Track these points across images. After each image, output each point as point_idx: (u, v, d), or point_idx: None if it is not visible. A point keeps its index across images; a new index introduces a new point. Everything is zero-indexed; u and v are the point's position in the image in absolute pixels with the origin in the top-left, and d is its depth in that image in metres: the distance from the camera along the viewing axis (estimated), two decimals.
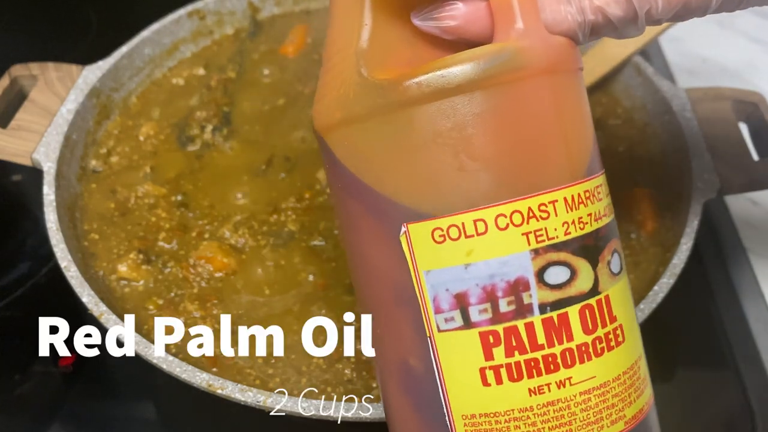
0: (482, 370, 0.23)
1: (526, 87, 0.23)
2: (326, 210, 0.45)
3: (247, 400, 0.33)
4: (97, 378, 0.43)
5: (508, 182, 0.23)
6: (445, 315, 0.23)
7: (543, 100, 0.24)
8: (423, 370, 0.24)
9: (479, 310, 0.23)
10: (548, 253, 0.23)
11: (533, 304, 0.23)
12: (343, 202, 0.26)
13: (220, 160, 0.49)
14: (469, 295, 0.23)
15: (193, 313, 0.39)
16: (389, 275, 0.25)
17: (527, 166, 0.23)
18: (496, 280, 0.23)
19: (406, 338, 0.25)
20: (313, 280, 0.41)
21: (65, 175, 0.45)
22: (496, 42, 0.23)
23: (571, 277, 0.23)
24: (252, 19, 0.59)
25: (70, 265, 0.38)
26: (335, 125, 0.25)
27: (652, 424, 0.26)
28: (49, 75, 0.49)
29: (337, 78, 0.25)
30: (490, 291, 0.23)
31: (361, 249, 0.26)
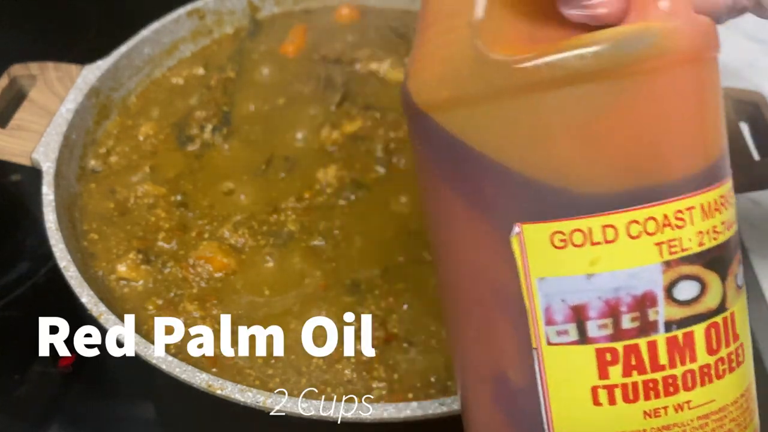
0: (594, 389, 0.21)
1: (671, 74, 0.20)
2: (326, 210, 0.45)
3: (247, 401, 0.33)
4: (97, 378, 0.43)
5: (645, 184, 0.20)
6: (558, 327, 0.21)
7: (687, 90, 0.21)
8: (523, 383, 0.22)
9: (599, 325, 0.21)
10: (680, 266, 0.21)
11: (659, 321, 0.21)
12: (438, 192, 0.24)
13: (220, 160, 0.48)
14: (588, 308, 0.21)
15: (192, 313, 0.39)
16: (491, 278, 0.22)
17: (665, 166, 0.21)
18: (621, 294, 0.21)
19: (504, 348, 0.23)
20: (313, 281, 0.41)
21: (64, 174, 0.45)
22: (636, 22, 0.21)
23: (701, 292, 0.21)
24: (252, 19, 0.59)
25: (70, 265, 0.38)
26: (445, 102, 0.22)
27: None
28: (48, 75, 0.49)
29: (442, 50, 0.23)
30: (613, 305, 0.21)
31: (457, 246, 0.23)
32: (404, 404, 0.32)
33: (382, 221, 0.44)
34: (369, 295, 0.40)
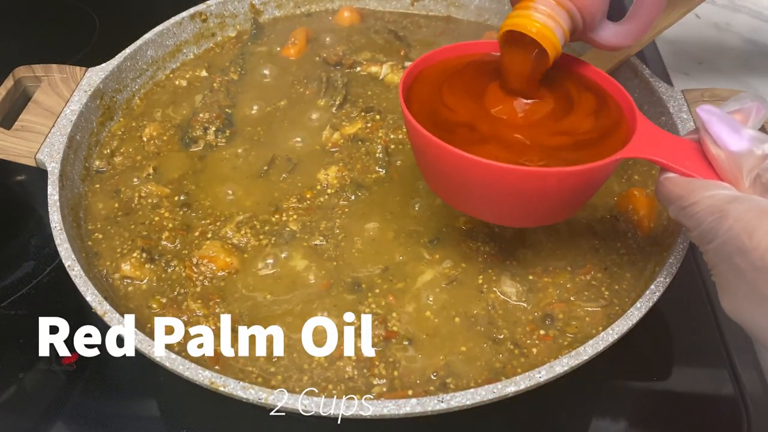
0: None
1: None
2: (327, 210, 0.45)
3: (249, 398, 0.33)
4: (101, 376, 0.43)
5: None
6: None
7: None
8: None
9: None
10: None
11: None
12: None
13: (223, 161, 0.49)
14: None
15: (195, 311, 0.40)
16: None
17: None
18: None
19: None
20: (315, 279, 0.41)
21: (69, 175, 0.45)
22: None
23: None
24: (254, 22, 0.60)
25: (74, 265, 0.39)
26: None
27: None
28: (52, 77, 0.49)
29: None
30: None
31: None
32: (404, 401, 0.33)
33: (382, 221, 0.44)
34: (369, 293, 0.41)
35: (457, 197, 0.37)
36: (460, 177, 0.34)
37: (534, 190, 0.34)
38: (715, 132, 0.30)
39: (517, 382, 0.33)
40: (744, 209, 0.28)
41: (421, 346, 0.38)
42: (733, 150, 0.30)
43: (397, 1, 0.61)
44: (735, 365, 0.42)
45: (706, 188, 0.30)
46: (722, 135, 0.30)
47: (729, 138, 0.30)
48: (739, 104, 0.32)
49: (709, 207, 0.29)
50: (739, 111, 0.32)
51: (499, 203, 0.36)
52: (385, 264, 0.42)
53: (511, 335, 0.39)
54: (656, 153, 0.33)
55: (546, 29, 0.34)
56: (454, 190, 0.37)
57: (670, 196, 0.32)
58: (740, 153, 0.29)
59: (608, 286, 0.40)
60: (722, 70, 0.64)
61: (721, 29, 0.66)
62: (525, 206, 0.35)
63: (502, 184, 0.33)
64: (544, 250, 0.42)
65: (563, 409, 0.42)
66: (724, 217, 0.29)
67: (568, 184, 0.33)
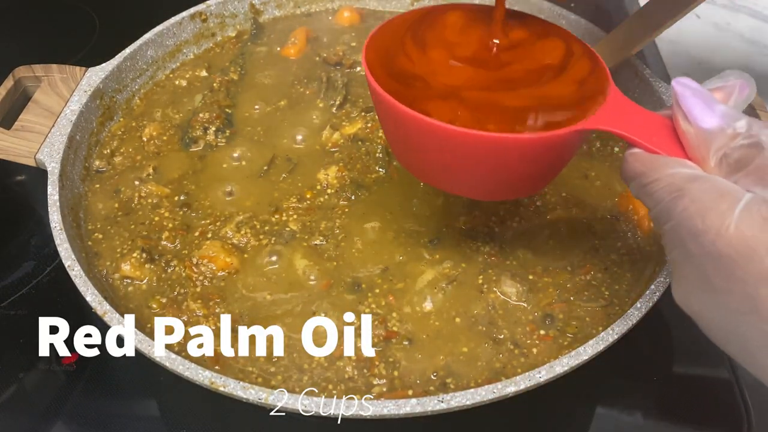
0: None
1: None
2: (327, 210, 0.45)
3: (249, 398, 0.33)
4: (101, 376, 0.43)
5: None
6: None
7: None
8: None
9: None
10: None
11: None
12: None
13: (223, 161, 0.49)
14: None
15: (195, 311, 0.40)
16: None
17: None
18: None
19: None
20: (315, 280, 0.41)
21: (69, 175, 0.45)
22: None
23: None
24: (254, 22, 0.60)
25: (74, 265, 0.39)
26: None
27: None
28: (52, 77, 0.49)
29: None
30: None
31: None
32: (404, 401, 0.33)
33: (382, 221, 0.44)
34: (369, 293, 0.41)
35: (411, 161, 0.36)
36: (404, 134, 0.33)
37: (483, 156, 0.32)
38: (687, 106, 0.28)
39: (517, 382, 0.33)
40: (702, 189, 0.26)
41: (422, 346, 0.38)
42: (703, 126, 0.28)
43: (397, 1, 0.61)
44: (735, 365, 0.42)
45: (669, 165, 0.28)
46: (694, 110, 0.28)
47: (701, 114, 0.28)
48: (723, 81, 0.30)
49: (669, 185, 0.28)
50: (722, 89, 0.30)
51: (451, 170, 0.34)
52: (385, 264, 0.42)
53: (511, 335, 0.39)
54: (622, 126, 0.30)
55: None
56: (406, 153, 0.36)
57: (632, 172, 0.30)
58: (710, 130, 0.27)
59: (608, 286, 0.40)
60: (722, 70, 0.64)
61: (721, 29, 0.67)
62: (477, 174, 0.33)
63: (449, 146, 0.32)
64: (544, 250, 0.42)
65: (563, 409, 0.42)
66: (681, 196, 0.27)
67: (521, 153, 0.31)
